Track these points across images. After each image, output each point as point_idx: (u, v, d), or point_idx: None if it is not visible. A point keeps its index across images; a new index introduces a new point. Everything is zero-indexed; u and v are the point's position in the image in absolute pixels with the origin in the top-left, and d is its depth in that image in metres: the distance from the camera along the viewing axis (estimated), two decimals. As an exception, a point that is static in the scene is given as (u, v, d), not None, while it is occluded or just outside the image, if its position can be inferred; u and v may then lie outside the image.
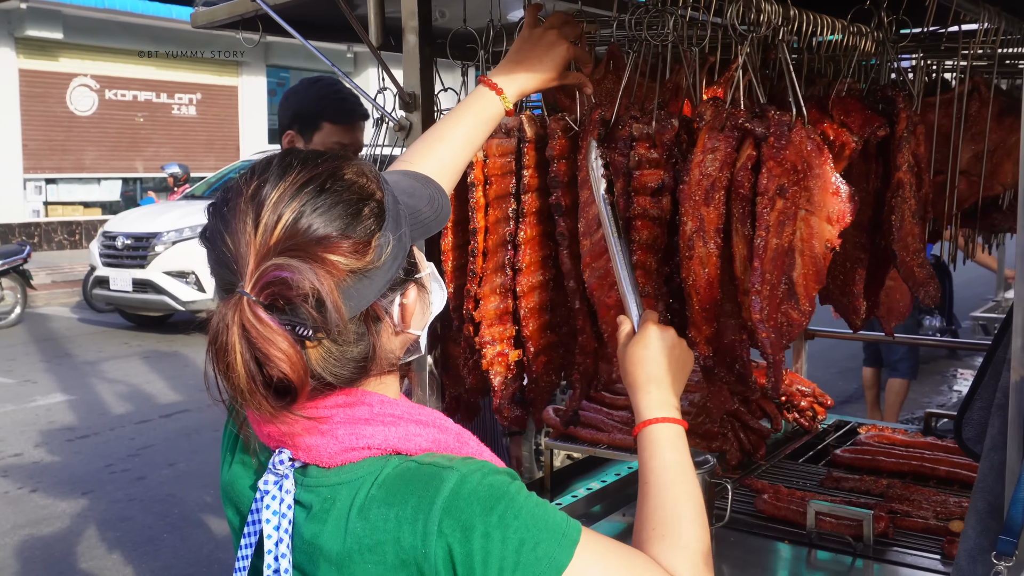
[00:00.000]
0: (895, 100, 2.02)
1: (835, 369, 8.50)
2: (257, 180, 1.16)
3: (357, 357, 1.17)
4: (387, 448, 1.16)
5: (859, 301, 2.09)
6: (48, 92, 18.18)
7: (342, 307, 1.10)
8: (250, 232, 1.12)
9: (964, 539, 1.57)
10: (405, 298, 1.22)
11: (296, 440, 1.18)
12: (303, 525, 1.17)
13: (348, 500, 1.14)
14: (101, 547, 5.46)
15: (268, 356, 1.08)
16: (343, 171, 1.19)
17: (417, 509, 1.10)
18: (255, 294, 1.09)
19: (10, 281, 12.08)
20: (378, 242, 1.16)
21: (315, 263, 1.10)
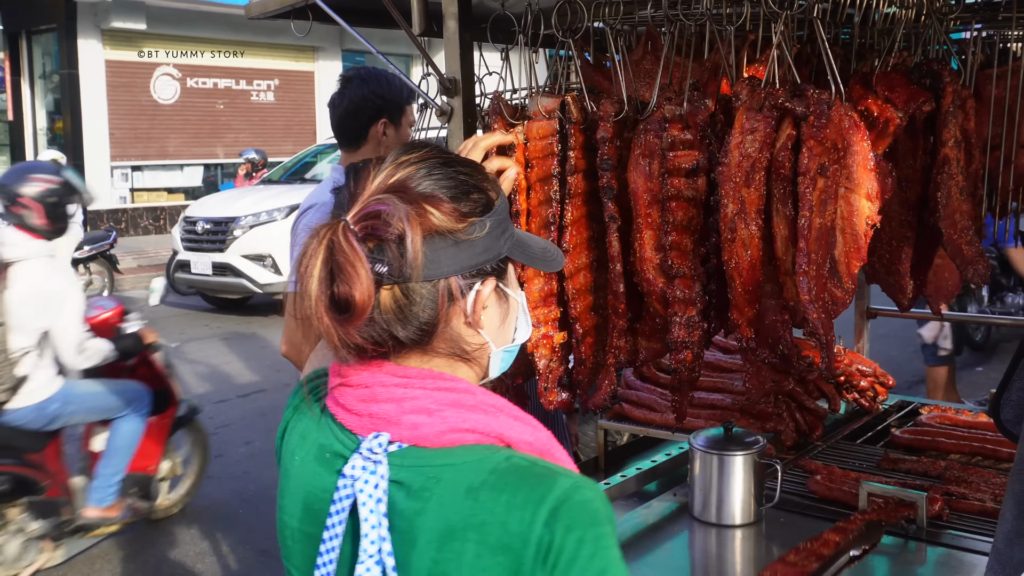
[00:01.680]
0: (940, 74, 1.97)
1: (911, 348, 8.29)
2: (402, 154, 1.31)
3: (422, 320, 1.23)
4: (492, 434, 1.22)
5: (905, 280, 2.06)
6: (133, 82, 18.68)
7: (420, 255, 1.19)
8: (372, 178, 1.27)
9: (1002, 522, 1.55)
10: (483, 286, 1.27)
11: (401, 418, 1.22)
12: (401, 504, 1.20)
13: (455, 480, 1.18)
14: (180, 522, 5.66)
15: (342, 269, 1.18)
16: (470, 165, 1.33)
17: (528, 500, 1.15)
18: (353, 222, 1.21)
19: (98, 266, 12.50)
20: (475, 221, 1.25)
21: (411, 206, 1.20)
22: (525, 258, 1.38)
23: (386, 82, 3.13)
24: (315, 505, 1.28)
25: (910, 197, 2.04)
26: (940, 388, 6.29)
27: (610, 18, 2.10)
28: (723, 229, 1.93)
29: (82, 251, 12.06)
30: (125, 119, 18.55)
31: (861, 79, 2.00)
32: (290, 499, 1.33)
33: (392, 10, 2.13)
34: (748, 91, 1.86)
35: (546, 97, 2.09)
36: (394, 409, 1.23)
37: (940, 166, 1.96)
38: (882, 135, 1.91)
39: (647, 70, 2.11)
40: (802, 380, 3.01)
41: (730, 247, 1.91)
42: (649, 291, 2.14)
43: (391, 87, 3.12)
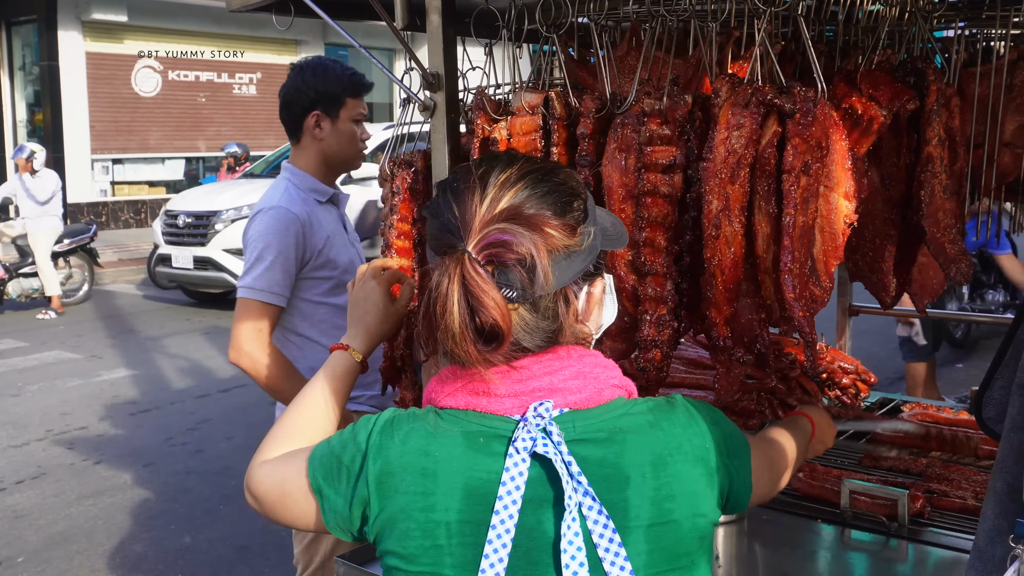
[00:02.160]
0: (925, 72, 1.97)
1: (892, 345, 8.33)
2: (486, 165, 1.37)
3: (547, 329, 1.34)
4: (622, 387, 1.39)
5: (888, 278, 2.05)
6: (114, 74, 18.54)
7: (550, 275, 1.28)
8: (477, 203, 1.31)
9: (983, 520, 1.55)
10: (593, 287, 1.40)
11: (563, 385, 1.34)
12: (593, 454, 1.32)
13: (636, 423, 1.35)
14: (161, 517, 5.63)
15: (482, 303, 1.25)
16: (558, 171, 1.40)
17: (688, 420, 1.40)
18: (475, 252, 1.27)
19: (78, 259, 12.41)
20: (583, 229, 1.34)
21: (534, 231, 1.28)
22: (608, 243, 1.45)
23: (322, 72, 2.97)
24: (480, 489, 1.31)
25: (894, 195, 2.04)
26: (919, 384, 6.32)
27: (594, 14, 2.09)
28: (706, 226, 1.92)
29: (62, 244, 11.97)
30: (106, 112, 18.42)
31: (845, 77, 2.00)
32: (443, 495, 1.32)
33: (375, 4, 2.10)
34: (729, 88, 1.85)
35: (530, 93, 2.08)
36: (551, 380, 1.33)
37: (924, 164, 1.96)
38: (866, 133, 1.91)
39: (631, 66, 2.10)
40: (784, 377, 3.00)
41: (713, 244, 1.90)
42: (619, 288, 2.13)
43: (326, 78, 2.96)
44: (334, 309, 2.93)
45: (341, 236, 3.03)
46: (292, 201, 2.89)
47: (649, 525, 1.32)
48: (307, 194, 2.96)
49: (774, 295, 1.91)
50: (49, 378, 8.82)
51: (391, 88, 22.14)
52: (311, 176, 2.99)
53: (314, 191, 2.98)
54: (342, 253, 2.98)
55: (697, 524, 1.36)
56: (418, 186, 2.41)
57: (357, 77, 3.01)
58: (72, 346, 10.12)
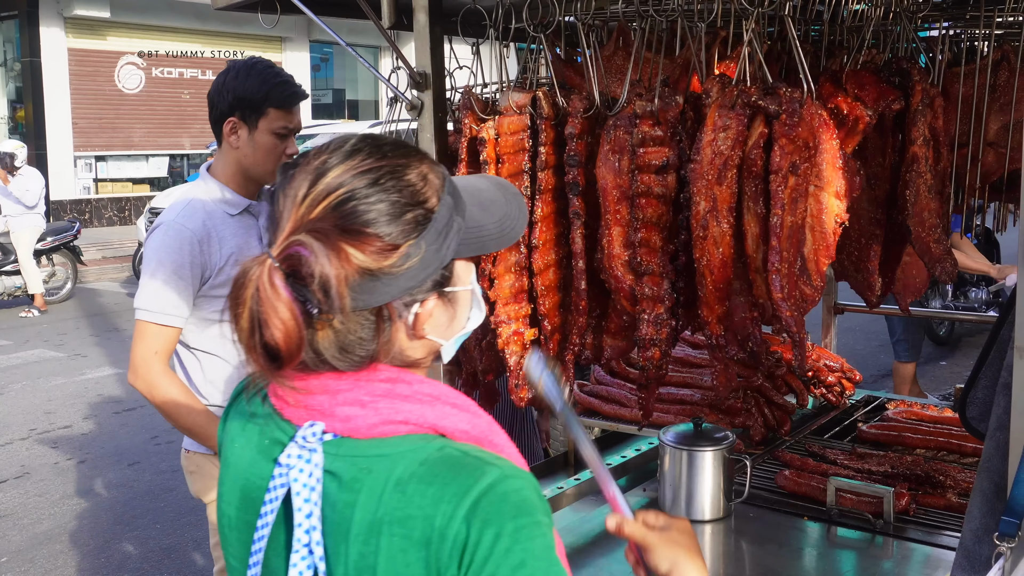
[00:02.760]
0: (910, 73, 1.98)
1: (876, 342, 8.39)
2: (327, 154, 1.22)
3: (361, 350, 1.20)
4: (425, 425, 1.19)
5: (874, 277, 2.07)
6: (97, 71, 18.42)
7: (346, 298, 1.14)
8: (299, 200, 1.18)
9: (969, 519, 1.56)
10: (422, 307, 1.23)
11: (334, 410, 1.20)
12: (334, 495, 1.18)
13: (386, 472, 1.16)
14: (146, 517, 5.60)
15: (267, 320, 1.13)
16: (407, 171, 1.22)
17: (454, 493, 1.12)
18: (279, 259, 1.15)
19: (61, 257, 12.33)
20: (407, 249, 1.18)
21: (332, 251, 1.13)
22: (475, 248, 1.30)
23: (246, 76, 2.70)
24: (252, 493, 1.27)
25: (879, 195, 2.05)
26: (907, 383, 6.37)
27: (581, 13, 2.09)
28: (694, 226, 1.93)
29: (45, 242, 11.89)
30: (89, 108, 18.29)
31: (831, 77, 2.01)
32: (228, 487, 1.32)
33: (362, 3, 2.10)
34: (719, 88, 1.85)
35: (517, 92, 2.08)
36: (328, 401, 1.20)
37: (909, 164, 1.97)
38: (852, 133, 1.92)
39: (618, 66, 2.10)
40: (770, 375, 3.02)
41: (701, 244, 1.90)
42: (617, 288, 2.14)
43: (248, 83, 2.69)
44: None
45: (252, 251, 2.72)
46: (190, 215, 2.68)
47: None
48: (216, 206, 2.73)
49: (766, 295, 1.92)
50: (32, 377, 8.76)
51: (376, 85, 22.09)
52: (225, 186, 2.76)
53: (225, 203, 2.74)
54: None
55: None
56: (405, 185, 2.40)
57: (285, 87, 2.73)
58: (55, 344, 10.06)
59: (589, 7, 2.09)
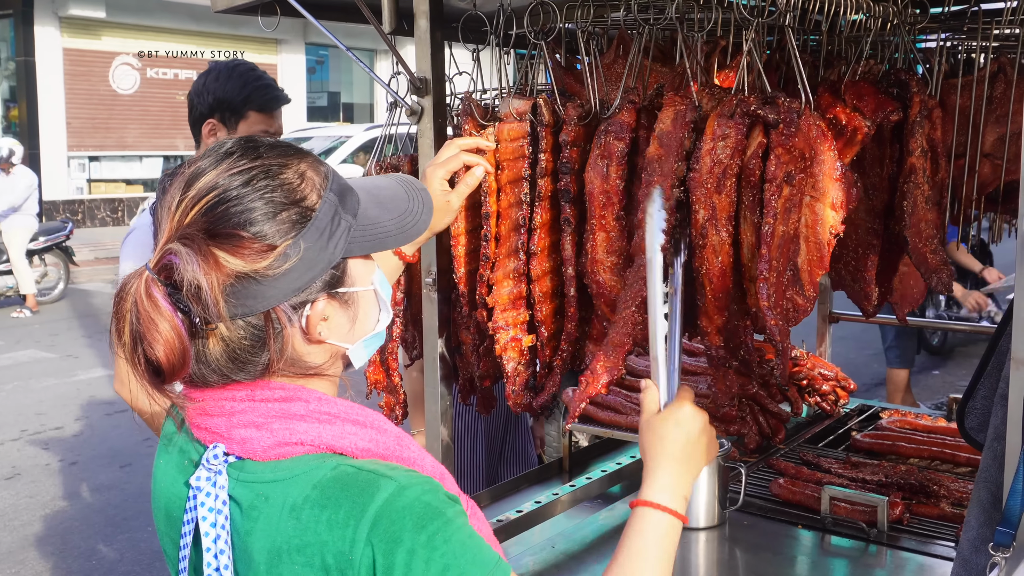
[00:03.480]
0: (908, 84, 1.99)
1: (870, 351, 8.41)
2: (202, 159, 1.19)
3: (255, 359, 1.17)
4: (321, 446, 1.15)
5: (871, 287, 2.08)
6: (91, 71, 18.40)
7: (221, 303, 1.11)
8: (173, 207, 1.15)
9: (967, 529, 1.57)
10: (312, 309, 1.19)
11: (231, 432, 1.17)
12: (238, 522, 1.16)
13: (281, 498, 1.12)
14: (138, 519, 5.59)
15: (145, 335, 1.10)
16: (283, 170, 1.18)
17: (349, 514, 1.08)
18: (156, 270, 1.12)
19: (53, 258, 12.30)
20: (285, 249, 1.14)
21: (201, 256, 1.10)
22: (371, 246, 1.25)
23: (227, 77, 2.66)
24: (174, 513, 1.25)
25: (876, 205, 2.06)
26: (900, 391, 6.41)
27: (582, 20, 2.09)
28: (694, 236, 1.93)
29: (37, 242, 11.86)
30: (83, 108, 18.27)
31: (829, 87, 2.02)
32: (156, 505, 1.31)
33: (363, 7, 2.10)
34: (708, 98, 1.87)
35: (518, 99, 2.08)
36: (224, 423, 1.18)
37: (907, 175, 1.98)
38: (850, 143, 1.93)
39: (618, 73, 2.11)
40: (765, 384, 3.03)
41: (701, 253, 1.91)
42: (597, 293, 2.14)
43: (229, 84, 2.65)
44: None
45: None
46: None
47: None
48: None
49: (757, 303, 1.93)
50: (24, 377, 8.73)
51: (372, 88, 22.09)
52: None
53: None
54: None
55: None
56: (404, 190, 2.40)
57: (268, 90, 2.70)
58: (47, 345, 10.03)
59: (589, 14, 2.10)
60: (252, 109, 2.66)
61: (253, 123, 2.67)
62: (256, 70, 2.73)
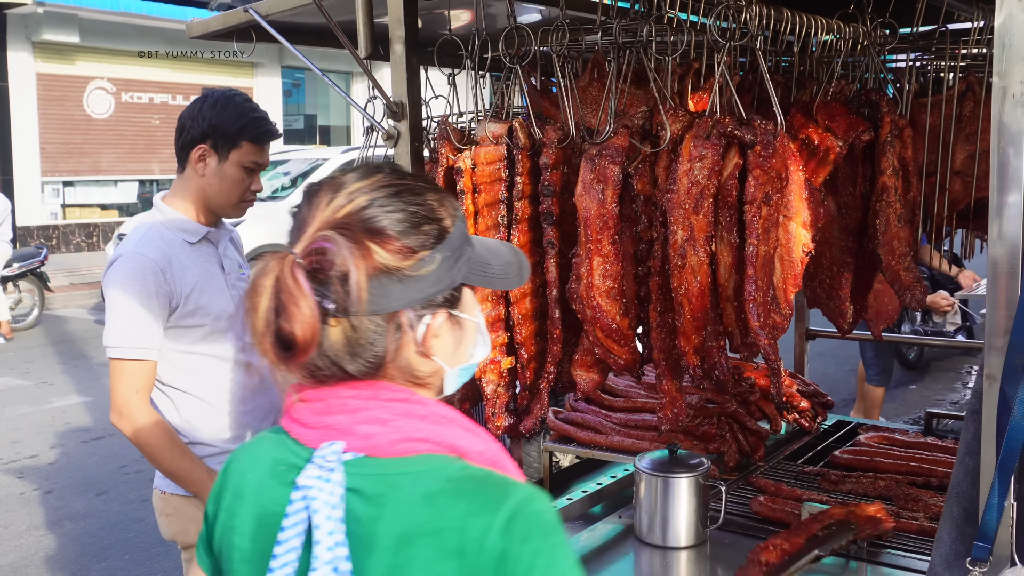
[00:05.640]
0: (879, 104, 2.02)
1: (848, 367, 8.47)
2: (351, 172, 1.30)
3: (370, 354, 1.24)
4: (444, 444, 1.24)
5: (845, 305, 2.10)
6: (65, 95, 18.29)
7: (364, 292, 1.19)
8: (323, 206, 1.25)
9: (939, 544, 1.58)
10: (433, 319, 1.27)
11: (355, 428, 1.24)
12: (358, 510, 1.21)
13: (412, 488, 1.20)
14: (114, 548, 5.52)
15: (286, 309, 1.18)
16: (426, 192, 1.30)
17: (485, 507, 1.18)
18: (301, 256, 1.21)
19: (28, 284, 12.17)
20: (424, 256, 1.24)
21: (355, 244, 1.20)
22: (482, 281, 1.36)
23: (224, 107, 2.68)
24: (268, 520, 1.27)
25: (850, 224, 2.08)
26: (876, 407, 6.44)
27: (557, 44, 2.11)
28: (672, 256, 1.95)
29: (11, 268, 11.74)
30: (57, 133, 18.15)
31: (802, 108, 2.04)
32: (242, 519, 1.31)
33: (338, 33, 2.11)
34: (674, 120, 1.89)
35: (494, 122, 2.10)
36: (348, 420, 1.24)
37: (879, 194, 2.01)
38: (823, 163, 1.95)
39: (594, 96, 2.13)
40: (744, 401, 3.04)
41: (679, 274, 1.92)
42: (593, 319, 2.15)
43: (226, 113, 2.67)
44: (208, 359, 2.69)
45: (215, 280, 2.73)
46: (150, 244, 2.62)
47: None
48: (174, 235, 2.68)
49: (736, 322, 1.94)
50: (-2, 405, 8.63)
51: (348, 111, 22.11)
52: (181, 215, 2.72)
53: (183, 231, 2.70)
54: (215, 298, 2.70)
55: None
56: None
57: (262, 123, 2.72)
58: (22, 372, 9.91)
59: (564, 38, 2.12)
60: (246, 139, 2.69)
61: (245, 153, 2.69)
62: (251, 102, 2.77)
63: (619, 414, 3.08)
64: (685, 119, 1.91)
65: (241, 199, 2.75)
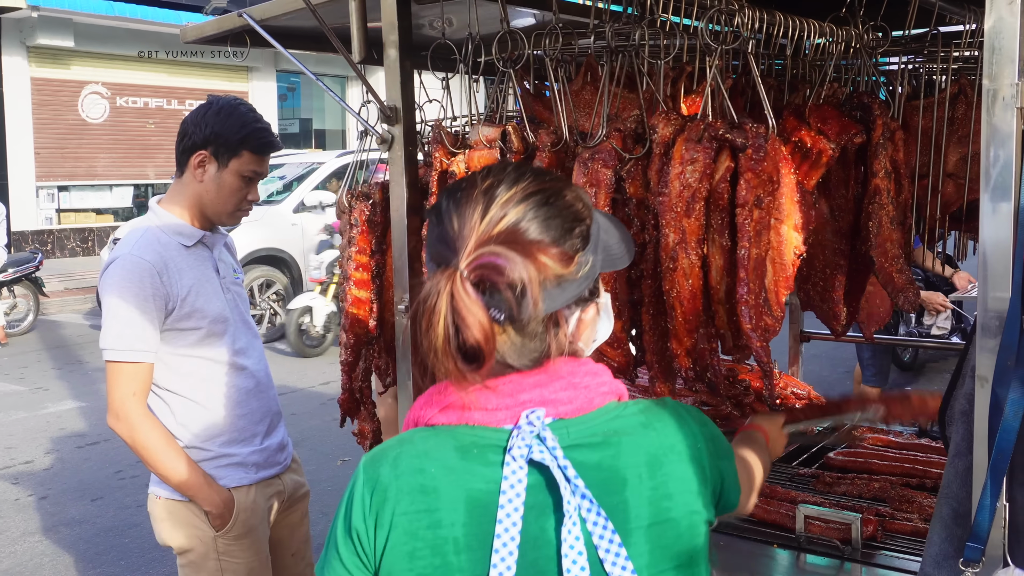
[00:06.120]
0: (871, 106, 2.03)
1: (843, 368, 8.48)
2: (492, 179, 1.36)
3: (535, 350, 1.34)
4: (614, 392, 1.40)
5: (839, 307, 2.10)
6: (60, 100, 18.28)
7: (540, 302, 1.27)
8: (476, 220, 1.30)
9: (929, 545, 1.58)
10: (585, 313, 1.39)
11: (554, 397, 1.34)
12: (590, 458, 1.33)
13: (630, 425, 1.37)
14: (110, 554, 5.51)
15: (466, 322, 1.24)
16: (565, 192, 1.37)
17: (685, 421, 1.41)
18: (468, 271, 1.26)
19: (23, 289, 12.16)
20: (580, 259, 1.34)
21: (528, 258, 1.26)
22: (610, 264, 1.45)
23: (228, 115, 2.69)
24: (481, 499, 1.31)
25: (843, 226, 2.09)
26: None
27: (550, 48, 2.12)
28: (664, 259, 1.95)
29: (6, 274, 11.73)
30: (51, 138, 18.13)
31: (794, 111, 2.05)
32: (448, 509, 1.32)
33: (331, 37, 2.11)
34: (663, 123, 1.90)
35: (487, 126, 2.10)
36: (540, 393, 1.33)
37: (871, 196, 2.01)
38: (816, 166, 1.96)
39: (587, 100, 2.13)
40: (739, 404, 3.05)
41: (671, 276, 1.93)
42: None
43: (229, 122, 2.68)
44: (203, 362, 2.70)
45: (210, 283, 2.74)
46: (146, 247, 2.63)
47: (649, 525, 1.34)
48: (169, 238, 2.70)
49: (727, 325, 1.95)
50: (-8, 411, 8.62)
51: (343, 114, 22.11)
52: (177, 219, 2.73)
53: (179, 234, 2.71)
54: (211, 301, 2.71)
55: (694, 522, 1.38)
56: (376, 218, 2.41)
57: (265, 134, 2.73)
58: (16, 378, 9.89)
59: (557, 42, 2.12)
60: (247, 149, 2.69)
61: (245, 162, 2.70)
62: (255, 112, 2.78)
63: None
64: (677, 122, 1.92)
65: (237, 208, 2.75)
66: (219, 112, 2.68)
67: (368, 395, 2.63)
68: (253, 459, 2.78)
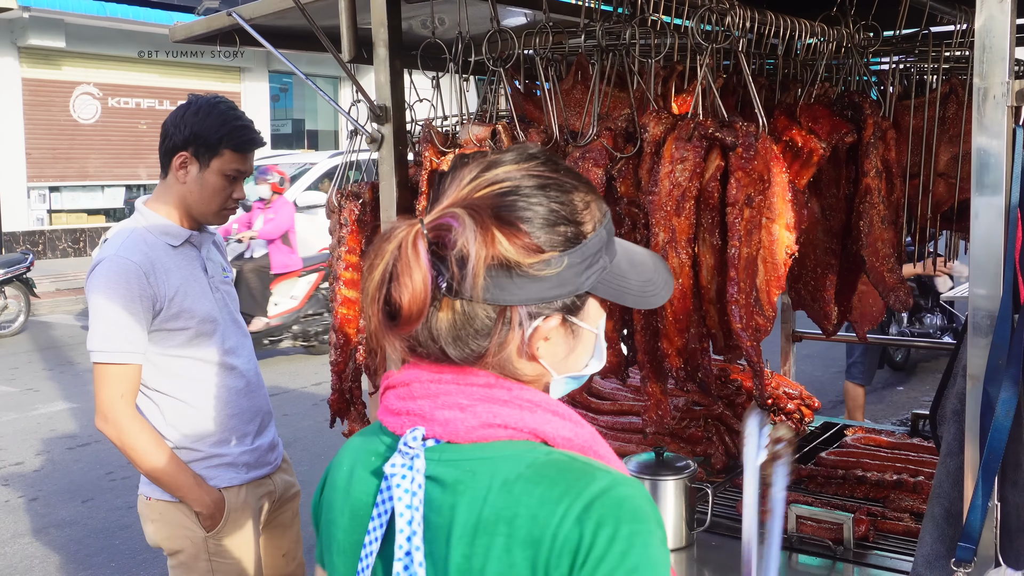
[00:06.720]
0: (862, 106, 2.02)
1: (835, 368, 8.49)
2: (506, 153, 1.26)
3: (473, 343, 1.20)
4: (525, 430, 1.19)
5: (830, 307, 2.10)
6: (51, 101, 18.23)
7: (480, 279, 1.15)
8: (465, 181, 1.22)
9: (921, 545, 1.58)
10: (544, 322, 1.22)
11: (434, 414, 1.21)
12: (437, 499, 1.19)
13: (490, 474, 1.16)
14: (101, 555, 5.48)
15: (398, 278, 1.15)
16: (574, 192, 1.24)
17: (564, 494, 1.12)
18: (428, 227, 1.17)
19: (13, 290, 12.11)
20: (550, 258, 1.19)
21: (480, 228, 1.15)
22: (614, 295, 1.29)
23: (206, 114, 2.66)
24: (360, 511, 1.27)
25: (834, 226, 2.09)
26: (860, 407, 6.48)
27: (540, 47, 2.11)
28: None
29: (-3, 275, 11.70)
30: (43, 139, 18.08)
31: (785, 110, 2.05)
32: (338, 511, 1.31)
33: (321, 36, 2.10)
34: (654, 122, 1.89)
35: (477, 126, 2.10)
36: (428, 405, 1.21)
37: (862, 195, 2.01)
38: (807, 165, 1.96)
39: (577, 99, 2.13)
40: (731, 404, 3.05)
41: (661, 275, 1.92)
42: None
43: (208, 121, 2.64)
44: (192, 362, 2.69)
45: (198, 283, 2.72)
46: (132, 248, 2.61)
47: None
48: (157, 237, 2.68)
49: (719, 325, 1.94)
50: (-17, 412, 8.58)
51: (336, 115, 22.08)
52: (164, 219, 2.71)
53: (166, 234, 2.69)
54: (199, 301, 2.70)
55: None
56: (366, 218, 2.40)
57: (245, 131, 2.69)
58: (7, 379, 9.85)
59: (548, 41, 2.12)
60: (228, 147, 2.65)
61: (227, 161, 2.66)
62: (236, 109, 2.74)
63: (605, 417, 3.08)
64: (667, 121, 1.92)
65: (222, 207, 2.73)
66: (198, 112, 2.65)
67: (358, 396, 2.62)
68: (244, 459, 2.77)
